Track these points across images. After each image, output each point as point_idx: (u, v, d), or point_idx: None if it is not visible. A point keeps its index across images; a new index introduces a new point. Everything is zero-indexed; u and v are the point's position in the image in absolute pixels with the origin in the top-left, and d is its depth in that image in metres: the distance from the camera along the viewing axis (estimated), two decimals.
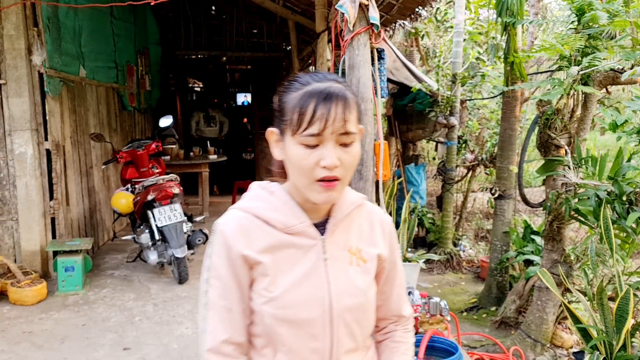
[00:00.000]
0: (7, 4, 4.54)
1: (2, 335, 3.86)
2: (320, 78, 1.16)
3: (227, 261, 1.18)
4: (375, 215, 1.33)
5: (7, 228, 4.83)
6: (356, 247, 1.26)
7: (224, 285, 1.18)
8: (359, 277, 1.24)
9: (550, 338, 4.05)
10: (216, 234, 1.21)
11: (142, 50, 8.30)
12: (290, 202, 1.22)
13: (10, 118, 4.70)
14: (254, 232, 1.19)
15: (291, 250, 1.20)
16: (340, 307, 1.19)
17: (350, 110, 1.12)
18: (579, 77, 3.39)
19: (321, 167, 1.10)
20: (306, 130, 1.09)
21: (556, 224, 3.85)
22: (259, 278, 1.18)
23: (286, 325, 1.16)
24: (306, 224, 1.21)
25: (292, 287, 1.17)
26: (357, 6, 2.44)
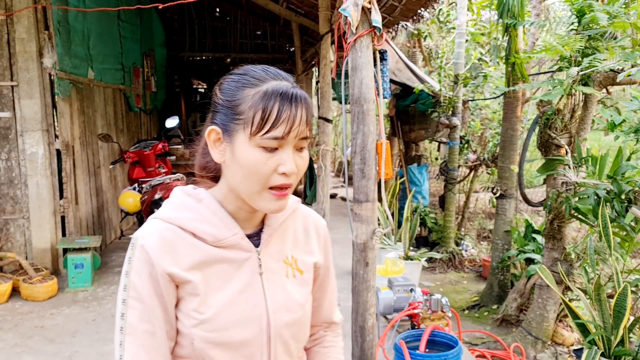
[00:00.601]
0: (19, 7, 4.65)
1: (16, 329, 3.96)
2: (274, 75, 1.06)
3: (149, 280, 1.02)
4: (310, 219, 1.26)
5: (18, 226, 4.94)
6: (292, 256, 1.18)
7: (145, 307, 1.03)
8: (297, 290, 1.16)
9: (551, 335, 4.11)
10: (135, 249, 1.04)
11: (148, 52, 8.40)
12: (221, 212, 1.09)
13: (22, 119, 4.80)
14: (180, 247, 1.05)
15: (223, 266, 1.08)
16: (278, 325, 1.11)
17: (311, 114, 1.06)
18: (578, 78, 3.45)
19: (279, 174, 1.02)
20: (269, 132, 0.99)
21: (557, 223, 3.91)
22: (186, 297, 1.06)
23: (219, 348, 1.06)
24: (239, 235, 1.09)
25: (226, 307, 1.06)
26: (359, 9, 2.52)
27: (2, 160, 4.88)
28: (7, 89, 4.80)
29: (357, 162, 2.70)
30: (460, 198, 7.43)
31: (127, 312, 1.03)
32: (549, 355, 4.01)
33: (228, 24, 9.93)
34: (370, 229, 2.76)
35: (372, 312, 2.92)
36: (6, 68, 4.78)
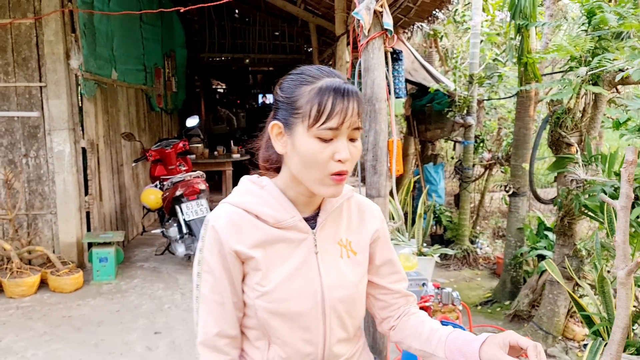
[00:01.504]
0: (47, 11, 4.86)
1: (44, 319, 4.16)
2: (327, 73, 1.17)
3: (218, 256, 1.18)
4: (365, 205, 1.36)
5: (46, 221, 5.16)
6: (346, 239, 1.28)
7: (215, 279, 1.18)
8: (350, 270, 1.26)
9: (562, 330, 4.17)
10: (208, 229, 1.20)
11: (169, 53, 8.61)
12: (281, 197, 1.22)
13: (49, 118, 5.01)
14: (245, 228, 1.19)
15: (282, 245, 1.21)
16: (332, 299, 1.21)
17: (361, 106, 1.16)
18: (587, 78, 3.52)
19: (335, 161, 1.12)
20: (325, 123, 1.10)
21: (567, 220, 3.98)
22: (251, 272, 1.19)
23: (279, 318, 1.18)
24: (297, 218, 1.21)
25: (285, 281, 1.18)
26: (371, 13, 2.64)
27: (31, 157, 5.10)
28: (35, 90, 5.02)
29: (369, 159, 2.82)
30: (475, 197, 7.49)
31: (201, 283, 1.19)
32: (560, 349, 4.08)
33: (247, 25, 10.10)
34: None
35: None
36: (35, 69, 5.00)
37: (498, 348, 1.11)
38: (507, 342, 1.11)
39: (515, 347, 1.11)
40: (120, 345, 3.71)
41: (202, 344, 1.19)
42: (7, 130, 5.06)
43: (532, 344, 1.08)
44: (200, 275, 1.20)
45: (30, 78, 5.00)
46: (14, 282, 4.56)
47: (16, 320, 4.13)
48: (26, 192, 5.12)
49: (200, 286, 1.20)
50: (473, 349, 1.16)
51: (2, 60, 4.98)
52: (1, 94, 5.02)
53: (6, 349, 3.65)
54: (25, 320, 4.14)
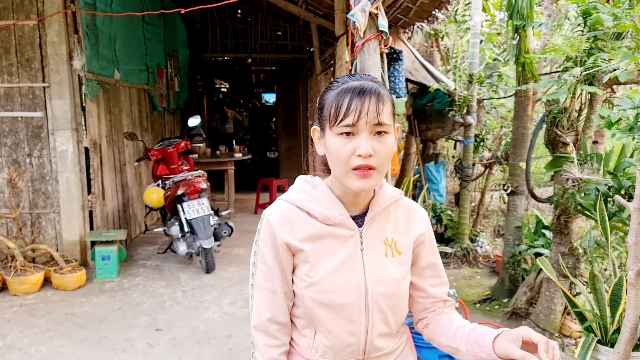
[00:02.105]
0: (50, 13, 4.92)
1: (48, 316, 4.23)
2: (357, 78, 1.25)
3: (271, 248, 1.28)
4: (412, 209, 1.42)
5: (50, 220, 5.23)
6: (392, 239, 1.34)
7: (268, 269, 1.28)
8: (394, 268, 1.32)
9: (559, 328, 4.22)
10: (263, 222, 1.31)
11: (172, 53, 8.67)
12: (331, 196, 1.30)
13: (53, 118, 5.08)
14: (297, 222, 1.28)
15: (330, 240, 1.28)
16: (375, 294, 1.28)
17: (383, 103, 1.20)
18: (582, 78, 3.56)
19: (356, 156, 1.17)
20: (342, 121, 1.18)
21: (563, 218, 4.02)
22: (300, 264, 1.28)
23: (325, 308, 1.25)
24: (345, 216, 1.29)
25: (331, 274, 1.26)
26: (367, 15, 2.69)
27: (34, 157, 5.17)
28: (39, 90, 5.09)
29: None
30: (476, 196, 7.53)
31: (256, 272, 1.31)
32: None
33: (249, 25, 10.14)
34: None
35: None
36: (38, 70, 5.07)
37: (511, 342, 1.15)
38: (520, 337, 1.15)
39: (528, 343, 1.15)
40: (122, 342, 3.77)
41: (256, 327, 1.30)
42: (11, 130, 5.13)
43: (543, 339, 1.12)
44: (255, 264, 1.31)
45: (33, 79, 5.08)
46: (18, 280, 4.63)
47: (20, 317, 4.21)
48: (30, 191, 5.19)
49: (255, 275, 1.31)
50: (488, 341, 1.22)
51: (6, 61, 5.05)
52: (5, 95, 5.09)
53: (10, 345, 3.72)
54: (29, 317, 4.22)
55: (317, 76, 8.45)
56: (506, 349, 1.15)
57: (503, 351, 1.16)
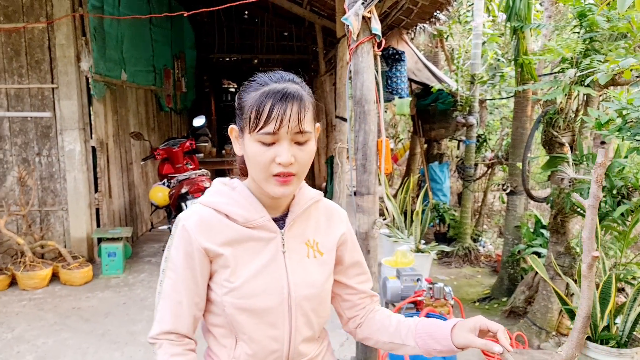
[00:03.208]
0: (58, 16, 5.05)
1: (55, 309, 4.36)
2: (277, 78, 1.20)
3: (184, 255, 1.20)
4: (332, 209, 1.41)
5: (58, 217, 5.36)
6: (313, 240, 1.32)
7: (177, 277, 1.21)
8: (316, 269, 1.30)
9: (556, 326, 4.26)
10: (178, 228, 1.22)
11: (179, 54, 8.79)
12: (251, 198, 1.26)
13: (61, 118, 5.21)
14: (216, 226, 1.22)
15: (252, 243, 1.24)
16: (298, 297, 1.24)
17: (306, 110, 1.16)
18: (575, 79, 3.61)
19: (277, 164, 1.15)
20: (262, 128, 1.13)
21: (560, 218, 4.07)
22: (219, 270, 1.22)
23: (246, 314, 1.20)
24: (266, 218, 1.25)
25: (252, 278, 1.21)
26: (360, 19, 2.76)
27: (43, 156, 5.30)
28: (48, 91, 5.23)
29: (359, 158, 2.95)
30: (479, 196, 7.58)
31: (164, 280, 1.23)
32: (553, 344, 4.17)
33: (255, 26, 10.26)
34: (371, 220, 3.00)
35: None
36: (47, 72, 5.20)
37: (469, 332, 1.19)
38: (477, 326, 1.19)
39: (484, 331, 1.20)
40: (126, 335, 3.88)
41: (153, 337, 1.22)
42: (22, 130, 5.27)
43: (501, 327, 1.17)
44: (165, 271, 1.23)
45: (42, 80, 5.21)
46: (27, 275, 4.77)
47: (28, 311, 4.34)
48: (39, 189, 5.33)
49: (163, 282, 1.23)
50: (444, 333, 1.23)
51: (16, 63, 5.19)
52: (16, 96, 5.23)
53: (19, 337, 3.84)
54: (37, 310, 4.34)
55: (322, 77, 8.53)
56: (466, 339, 1.19)
57: (463, 341, 1.19)
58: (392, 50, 6.44)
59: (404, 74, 6.50)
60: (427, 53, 9.71)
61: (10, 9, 5.11)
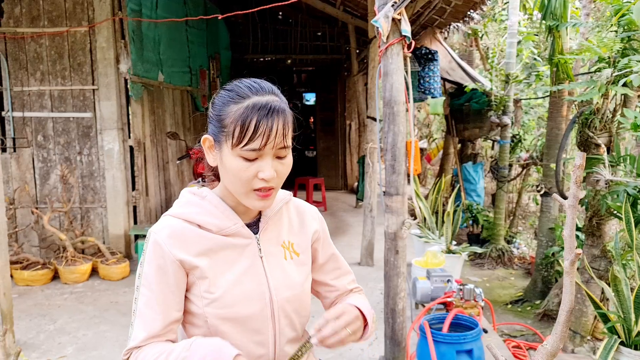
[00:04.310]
0: (99, 20, 5.24)
1: (94, 303, 4.53)
2: (257, 89, 1.18)
3: (157, 270, 1.16)
4: (303, 208, 1.40)
5: (97, 214, 5.56)
6: (288, 241, 1.32)
7: (152, 293, 1.16)
8: (294, 270, 1.30)
9: (591, 331, 4.18)
10: (149, 242, 1.19)
11: (214, 55, 8.95)
12: (222, 206, 1.24)
13: (101, 119, 5.40)
14: (189, 237, 1.19)
15: (228, 252, 1.22)
16: (280, 300, 1.24)
17: (289, 124, 1.16)
18: (612, 79, 3.53)
19: (259, 179, 1.14)
20: (247, 145, 1.11)
21: (595, 220, 3.99)
22: (197, 282, 1.19)
23: (230, 323, 1.19)
24: (239, 224, 1.23)
25: (233, 286, 1.19)
26: (390, 20, 2.78)
27: (84, 155, 5.51)
28: (89, 92, 5.42)
29: (388, 159, 2.97)
30: (513, 197, 7.46)
31: (138, 297, 1.18)
32: (587, 349, 4.09)
33: (289, 27, 10.34)
34: (400, 220, 3.02)
35: (402, 297, 3.18)
36: (89, 74, 5.40)
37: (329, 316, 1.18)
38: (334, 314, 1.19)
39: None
40: None
41: (126, 353, 1.17)
42: (64, 130, 5.49)
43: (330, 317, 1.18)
44: (138, 288, 1.19)
45: (84, 82, 5.41)
46: (69, 270, 4.97)
47: (70, 304, 4.52)
48: (80, 187, 5.54)
49: (137, 300, 1.18)
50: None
51: (60, 66, 5.40)
52: (59, 97, 5.45)
53: (60, 329, 4.02)
54: (77, 304, 4.53)
55: (355, 76, 8.55)
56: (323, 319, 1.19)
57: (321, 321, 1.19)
58: (424, 50, 6.42)
59: (436, 74, 6.47)
60: (461, 52, 9.61)
61: (54, 13, 5.33)
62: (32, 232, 5.46)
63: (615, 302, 3.03)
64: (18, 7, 5.32)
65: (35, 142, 5.49)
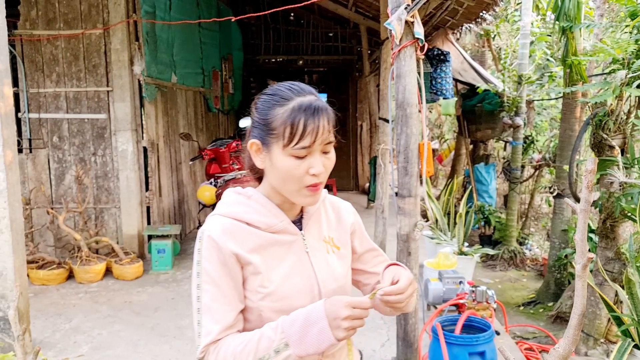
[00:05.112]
0: (114, 22, 5.30)
1: (109, 302, 4.59)
2: (298, 91, 1.25)
3: (218, 264, 1.21)
4: (338, 203, 1.48)
5: (111, 214, 5.62)
6: (328, 236, 1.39)
7: (217, 287, 1.20)
8: (337, 263, 1.37)
9: (605, 334, 4.15)
10: (203, 240, 1.23)
11: (226, 56, 9.00)
12: (269, 204, 1.30)
13: (115, 120, 5.46)
14: (240, 234, 1.24)
15: (276, 248, 1.28)
16: (327, 292, 1.30)
17: (332, 121, 1.25)
18: (626, 80, 3.51)
19: (310, 175, 1.21)
20: (298, 143, 1.18)
21: (609, 222, 3.96)
22: (250, 277, 1.24)
23: (284, 315, 1.21)
24: (286, 222, 1.30)
25: (284, 280, 1.26)
26: (403, 23, 2.79)
27: (98, 156, 5.57)
28: (103, 94, 5.49)
29: (401, 161, 2.98)
30: (525, 198, 7.42)
31: (202, 295, 1.21)
32: (601, 352, 4.06)
33: (301, 28, 10.37)
34: (412, 222, 3.03)
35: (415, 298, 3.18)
36: (103, 75, 5.46)
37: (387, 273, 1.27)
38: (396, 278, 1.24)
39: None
40: (174, 329, 4.04)
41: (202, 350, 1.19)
42: (79, 131, 5.55)
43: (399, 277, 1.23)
44: (200, 286, 1.21)
45: (99, 83, 5.47)
46: (83, 269, 5.03)
47: (84, 303, 4.58)
48: (94, 188, 5.60)
49: (201, 297, 1.21)
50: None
51: (75, 68, 5.47)
52: (74, 98, 5.52)
53: (76, 328, 4.07)
54: (92, 303, 4.58)
55: (366, 77, 8.55)
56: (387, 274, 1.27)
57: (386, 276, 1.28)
58: (437, 51, 6.41)
59: (448, 75, 6.46)
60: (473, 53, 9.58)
61: (70, 16, 5.40)
62: (48, 232, 5.53)
63: (629, 304, 3.01)
64: (34, 9, 5.40)
65: (51, 143, 5.57)
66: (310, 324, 1.14)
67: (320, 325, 1.13)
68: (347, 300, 1.14)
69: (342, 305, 1.14)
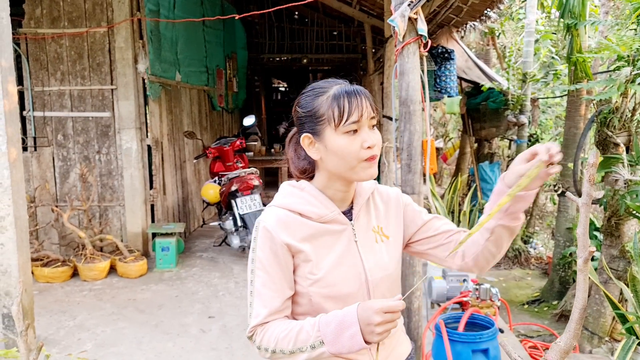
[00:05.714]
0: (118, 20, 5.31)
1: (113, 300, 4.60)
2: (332, 82, 1.36)
3: (270, 253, 1.32)
4: (387, 192, 1.53)
5: (115, 212, 5.64)
6: (377, 226, 1.45)
7: (267, 274, 1.32)
8: (385, 252, 1.43)
9: (610, 332, 4.13)
10: (259, 230, 1.35)
11: (230, 54, 9.01)
12: (321, 196, 1.38)
13: (119, 118, 5.48)
14: (292, 225, 1.34)
15: (327, 237, 1.37)
16: (374, 280, 1.38)
17: (370, 99, 1.33)
18: (632, 77, 3.49)
19: (365, 149, 1.29)
20: (348, 119, 1.28)
21: (614, 220, 3.94)
22: (301, 264, 1.34)
23: (332, 300, 1.33)
24: (336, 212, 1.38)
25: (333, 268, 1.34)
26: (406, 20, 2.78)
27: (103, 154, 5.59)
28: (108, 92, 5.50)
29: (404, 158, 2.97)
30: None
31: (254, 279, 1.34)
32: (605, 350, 4.05)
33: (305, 26, 10.37)
34: None
35: (418, 295, 3.18)
36: (107, 73, 5.47)
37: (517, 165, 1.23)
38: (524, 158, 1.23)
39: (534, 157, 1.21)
40: (178, 327, 4.05)
41: (250, 331, 1.32)
42: (83, 129, 5.57)
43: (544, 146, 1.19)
44: (254, 272, 1.34)
45: (103, 81, 5.48)
46: (88, 267, 5.05)
47: (89, 301, 4.59)
48: (99, 186, 5.62)
49: (254, 282, 1.34)
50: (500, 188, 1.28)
51: (79, 66, 5.48)
52: (79, 97, 5.53)
53: (80, 325, 4.08)
54: (96, 301, 4.59)
55: (371, 75, 8.54)
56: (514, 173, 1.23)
57: (513, 177, 1.24)
58: (441, 49, 6.39)
59: (453, 73, 6.44)
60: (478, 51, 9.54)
61: (74, 14, 5.41)
62: (52, 230, 5.55)
63: (633, 302, 3.00)
64: (39, 8, 5.41)
65: (56, 141, 5.59)
66: (344, 327, 1.21)
67: (352, 330, 1.20)
68: (379, 306, 1.20)
69: (374, 312, 1.19)
